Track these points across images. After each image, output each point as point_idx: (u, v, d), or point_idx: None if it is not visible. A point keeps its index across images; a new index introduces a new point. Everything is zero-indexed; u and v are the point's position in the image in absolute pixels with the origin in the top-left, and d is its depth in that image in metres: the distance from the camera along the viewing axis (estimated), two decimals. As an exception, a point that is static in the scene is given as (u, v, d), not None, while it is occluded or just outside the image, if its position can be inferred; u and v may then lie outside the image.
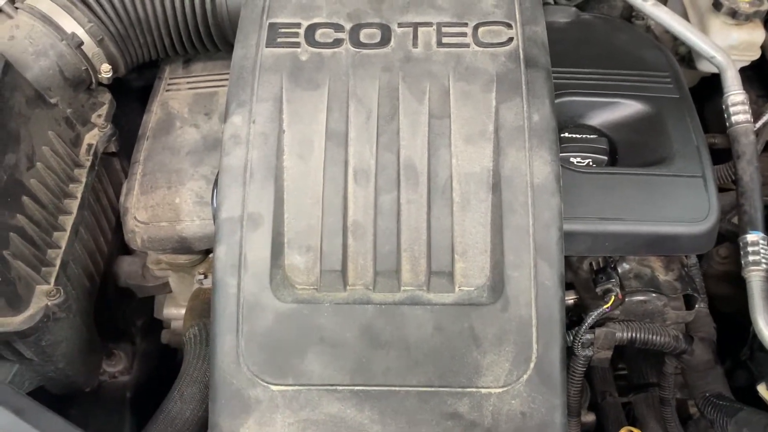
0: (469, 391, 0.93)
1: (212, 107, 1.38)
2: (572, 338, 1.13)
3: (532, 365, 0.92)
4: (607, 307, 1.11)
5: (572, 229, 1.05)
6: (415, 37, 1.09)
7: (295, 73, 1.06)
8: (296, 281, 0.98)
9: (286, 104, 1.04)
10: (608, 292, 1.12)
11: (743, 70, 1.34)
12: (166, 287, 1.46)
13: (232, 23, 1.31)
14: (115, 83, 1.40)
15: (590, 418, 1.38)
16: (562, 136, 1.18)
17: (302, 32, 1.10)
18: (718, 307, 1.34)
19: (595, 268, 1.17)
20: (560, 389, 0.92)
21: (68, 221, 1.23)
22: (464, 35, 1.09)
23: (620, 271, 1.17)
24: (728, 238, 1.40)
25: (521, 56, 1.06)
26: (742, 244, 1.09)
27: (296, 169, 1.01)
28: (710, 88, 1.46)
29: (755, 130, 1.17)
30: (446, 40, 1.09)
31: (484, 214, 0.99)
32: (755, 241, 1.08)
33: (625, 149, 1.20)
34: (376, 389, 0.93)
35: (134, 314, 1.57)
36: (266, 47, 1.09)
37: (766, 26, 1.39)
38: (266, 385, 0.93)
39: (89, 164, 1.30)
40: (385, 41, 1.09)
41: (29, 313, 1.11)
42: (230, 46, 1.11)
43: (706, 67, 1.37)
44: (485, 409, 0.92)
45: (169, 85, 1.44)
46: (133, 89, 1.59)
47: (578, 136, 1.19)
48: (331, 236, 0.98)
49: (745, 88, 1.17)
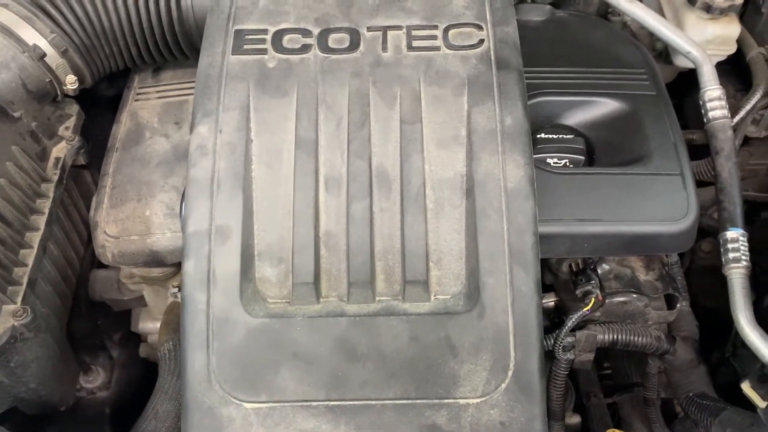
0: (446, 402, 0.91)
1: (182, 116, 1.35)
2: (553, 342, 1.12)
3: (510, 374, 0.91)
4: (587, 309, 1.10)
5: (550, 231, 1.03)
6: (384, 41, 1.07)
7: (262, 80, 1.04)
8: (268, 295, 0.95)
9: (253, 112, 1.01)
10: (588, 294, 1.11)
11: (720, 64, 1.33)
12: (142, 300, 1.43)
13: (199, 30, 1.28)
14: (85, 94, 1.36)
15: (575, 420, 1.36)
16: (538, 136, 1.17)
17: (269, 38, 1.08)
18: (702, 302, 1.33)
19: (574, 269, 1.16)
20: (539, 397, 0.91)
21: (35, 238, 1.19)
22: (434, 38, 1.07)
23: (600, 272, 1.16)
24: (710, 233, 1.40)
25: (492, 58, 1.04)
26: (722, 241, 1.08)
27: (265, 179, 0.99)
28: (689, 83, 1.45)
29: (733, 125, 1.16)
30: (416, 43, 1.07)
31: (458, 220, 0.97)
32: (735, 238, 1.07)
33: (602, 148, 1.18)
34: (351, 403, 0.91)
35: (111, 328, 1.54)
36: (232, 54, 1.06)
37: (741, 20, 1.37)
38: (239, 402, 0.91)
39: (57, 178, 1.27)
40: (354, 46, 1.07)
41: (-5, 334, 1.08)
42: (199, 53, 1.09)
43: (682, 62, 1.35)
44: (464, 420, 0.90)
45: (138, 94, 1.41)
46: (104, 99, 1.55)
47: (554, 136, 1.18)
48: (302, 247, 0.96)
49: (722, 82, 1.15)
